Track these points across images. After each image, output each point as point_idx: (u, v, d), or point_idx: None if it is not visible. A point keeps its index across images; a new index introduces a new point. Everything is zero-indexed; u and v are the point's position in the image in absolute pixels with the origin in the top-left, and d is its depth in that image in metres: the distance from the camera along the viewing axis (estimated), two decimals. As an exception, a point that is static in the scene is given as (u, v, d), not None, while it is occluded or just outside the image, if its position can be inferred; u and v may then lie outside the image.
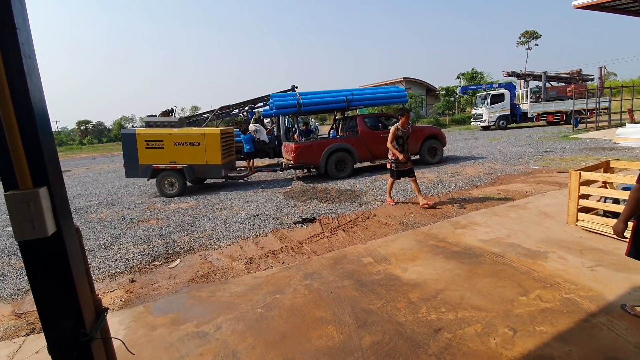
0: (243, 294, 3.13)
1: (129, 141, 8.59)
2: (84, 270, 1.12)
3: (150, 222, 6.21)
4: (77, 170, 18.59)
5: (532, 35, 46.92)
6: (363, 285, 3.08)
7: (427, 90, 37.73)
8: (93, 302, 1.17)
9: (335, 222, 5.17)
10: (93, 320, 1.16)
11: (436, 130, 10.19)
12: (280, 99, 9.39)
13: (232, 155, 9.61)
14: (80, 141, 49.59)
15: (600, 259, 3.24)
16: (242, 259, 4.02)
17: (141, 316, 2.97)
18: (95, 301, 1.19)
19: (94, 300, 1.18)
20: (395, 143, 5.72)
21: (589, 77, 25.21)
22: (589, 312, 2.42)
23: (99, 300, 1.21)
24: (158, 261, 4.32)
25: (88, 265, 1.17)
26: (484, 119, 21.31)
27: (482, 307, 2.59)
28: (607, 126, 17.03)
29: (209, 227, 5.46)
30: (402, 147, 5.75)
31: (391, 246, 3.97)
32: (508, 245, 3.70)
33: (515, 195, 5.76)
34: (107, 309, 1.24)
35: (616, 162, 4.60)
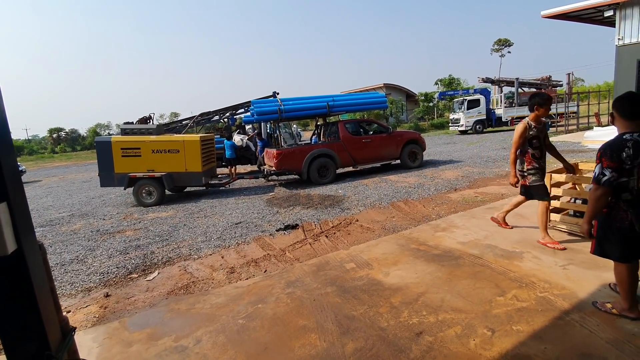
0: (224, 305, 3.06)
1: (104, 149, 8.32)
2: (49, 289, 1.07)
3: (127, 232, 6.01)
4: (49, 180, 17.80)
5: (504, 43, 48.84)
6: (346, 291, 3.08)
7: (407, 96, 38.56)
8: (59, 321, 1.11)
9: (318, 228, 5.16)
10: (59, 340, 1.10)
11: (416, 135, 10.40)
12: (261, 105, 9.36)
13: (212, 163, 9.46)
14: (53, 149, 47.57)
15: (572, 257, 3.37)
16: (223, 269, 3.93)
17: (116, 332, 2.85)
18: (61, 321, 1.13)
19: (60, 319, 1.12)
20: (529, 147, 3.73)
21: (558, 83, 26.46)
22: (562, 310, 2.51)
23: (65, 319, 1.15)
24: (135, 274, 4.17)
25: (53, 284, 1.11)
26: (462, 123, 21.94)
27: (462, 308, 2.64)
28: (576, 129, 17.89)
29: (189, 236, 5.33)
30: (540, 153, 3.76)
31: (373, 251, 3.99)
32: (486, 247, 3.80)
33: (492, 198, 5.93)
34: (74, 328, 1.18)
35: (584, 164, 4.82)
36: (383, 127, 10.37)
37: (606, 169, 2.23)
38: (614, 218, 2.30)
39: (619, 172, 2.20)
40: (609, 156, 2.24)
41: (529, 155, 3.75)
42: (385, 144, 9.73)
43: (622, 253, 2.33)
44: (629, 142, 2.21)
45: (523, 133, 3.71)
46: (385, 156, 9.87)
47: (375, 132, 10.19)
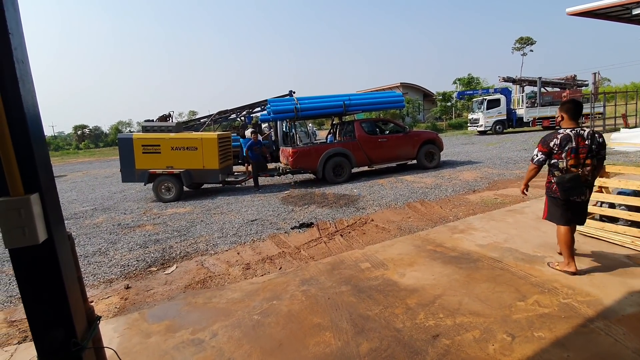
0: (240, 300, 3.10)
1: (125, 146, 8.56)
2: (76, 278, 1.10)
3: (147, 227, 6.17)
4: (73, 175, 18.47)
5: (527, 41, 47.43)
6: (360, 291, 3.06)
7: (424, 96, 37.97)
8: (85, 310, 1.15)
9: (333, 227, 5.15)
10: (85, 329, 1.13)
11: (433, 135, 10.23)
12: (277, 104, 9.42)
13: (229, 160, 9.59)
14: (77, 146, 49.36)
15: (597, 263, 3.24)
16: (239, 265, 3.98)
17: (136, 323, 2.93)
18: (87, 309, 1.16)
19: (86, 308, 1.16)
20: None
21: (584, 82, 25.49)
22: (586, 317, 2.42)
23: (91, 308, 1.19)
24: (154, 267, 4.28)
25: (80, 273, 1.15)
26: (481, 123, 21.44)
27: (480, 312, 2.58)
28: (602, 131, 17.18)
29: (206, 232, 5.43)
30: None
31: (389, 251, 3.95)
32: (505, 250, 3.70)
33: (512, 200, 5.77)
34: (99, 317, 1.22)
35: (611, 166, 4.62)
36: (400, 126, 10.25)
37: (539, 152, 3.08)
38: (551, 190, 3.10)
39: (547, 155, 3.04)
40: (541, 144, 3.07)
41: None
42: (401, 143, 9.62)
43: (560, 217, 3.10)
44: (559, 135, 2.98)
45: None
46: (402, 156, 9.75)
47: (391, 131, 10.09)
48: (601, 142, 2.97)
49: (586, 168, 2.93)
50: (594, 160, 2.95)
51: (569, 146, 2.94)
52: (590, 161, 2.94)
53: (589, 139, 2.94)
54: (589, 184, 3.00)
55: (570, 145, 2.94)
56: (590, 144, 2.93)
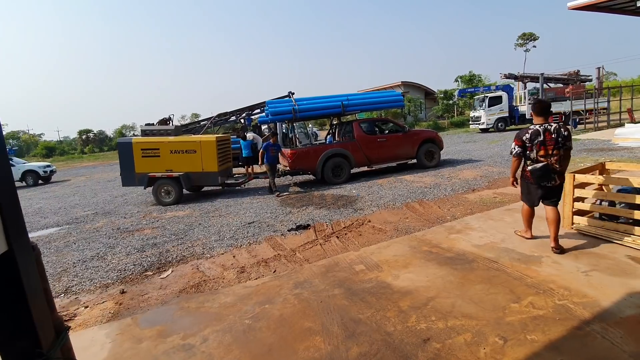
0: (232, 305, 3.08)
1: (125, 150, 8.60)
2: (42, 289, 1.09)
3: (145, 231, 6.18)
4: (77, 179, 18.63)
5: (529, 37, 46.96)
6: (353, 293, 3.03)
7: (426, 94, 37.78)
8: (53, 320, 1.13)
9: (330, 228, 5.12)
10: (52, 339, 1.11)
11: (433, 134, 10.16)
12: (275, 105, 9.41)
13: (229, 163, 9.60)
14: (82, 150, 49.77)
15: (596, 263, 3.18)
16: (234, 268, 3.97)
17: (128, 328, 2.92)
18: (55, 320, 1.15)
19: (53, 319, 1.14)
20: None
21: (587, 77, 25.20)
22: (582, 320, 2.36)
23: (59, 319, 1.17)
24: (150, 271, 4.28)
25: (47, 284, 1.13)
26: (482, 121, 21.27)
27: (473, 315, 2.53)
28: (607, 127, 16.97)
29: (203, 235, 5.42)
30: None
31: (384, 253, 3.91)
32: (502, 250, 3.65)
33: (512, 199, 5.70)
34: (68, 327, 1.21)
35: (612, 163, 4.55)
36: (399, 126, 10.20)
37: (516, 146, 3.58)
38: (525, 177, 3.64)
39: (522, 148, 3.53)
40: (516, 138, 3.59)
41: None
42: (401, 143, 9.56)
43: (527, 199, 3.74)
44: (530, 131, 3.48)
45: None
46: (401, 155, 9.70)
47: (390, 131, 10.03)
48: (566, 135, 3.43)
49: (554, 158, 3.44)
50: (561, 151, 3.43)
51: (538, 140, 3.44)
52: (557, 152, 3.43)
53: (555, 133, 3.41)
54: (558, 171, 3.49)
55: (539, 139, 3.44)
56: (557, 137, 3.40)
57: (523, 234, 3.91)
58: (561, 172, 3.53)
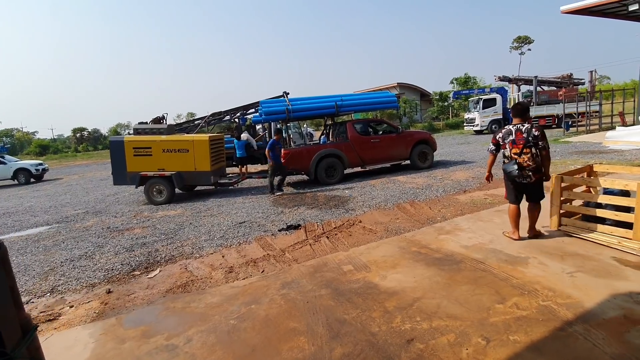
0: (218, 305, 3.06)
1: (117, 149, 8.53)
2: (8, 288, 1.07)
3: (135, 230, 6.13)
4: (69, 177, 18.44)
5: (524, 40, 47.39)
6: (340, 294, 3.02)
7: (421, 95, 37.93)
8: (19, 320, 1.11)
9: (320, 228, 5.11)
10: (18, 339, 1.09)
11: (426, 135, 10.21)
12: (269, 105, 9.39)
13: (222, 162, 9.56)
14: (75, 149, 49.29)
15: (581, 264, 3.20)
16: (223, 268, 3.94)
17: (112, 329, 2.89)
18: (22, 319, 1.13)
19: (20, 317, 1.12)
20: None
21: (580, 80, 25.49)
22: (565, 321, 2.38)
23: (27, 318, 1.15)
24: (137, 271, 4.24)
25: (14, 282, 1.11)
26: (477, 123, 21.42)
27: (458, 315, 2.54)
28: (598, 129, 17.15)
29: (193, 235, 5.39)
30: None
31: (373, 253, 3.91)
32: (490, 251, 3.66)
33: (502, 200, 5.72)
34: (36, 326, 1.18)
35: (599, 165, 4.59)
36: (393, 127, 10.23)
37: (491, 143, 3.96)
38: (506, 172, 3.81)
39: (497, 146, 3.89)
40: (493, 137, 3.94)
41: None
42: (394, 144, 9.59)
43: (509, 196, 3.98)
44: (503, 130, 3.84)
45: None
46: (395, 156, 9.72)
47: (384, 132, 10.06)
48: (537, 134, 3.64)
49: (525, 156, 3.64)
50: (533, 149, 3.65)
51: (510, 138, 3.74)
52: (528, 150, 3.64)
53: (526, 133, 3.66)
54: (532, 168, 3.66)
55: (510, 138, 3.74)
56: (527, 136, 3.64)
57: (510, 234, 3.98)
58: (535, 170, 3.68)
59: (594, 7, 12.11)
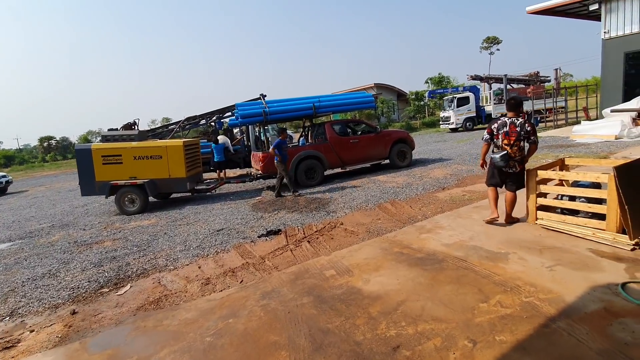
0: (193, 321, 2.88)
1: (83, 157, 8.09)
2: None
3: (105, 243, 5.79)
4: (35, 189, 17.41)
5: (493, 40, 49.17)
6: (323, 301, 2.91)
7: (398, 95, 38.52)
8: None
9: (301, 233, 4.98)
10: None
11: (404, 135, 10.28)
12: (245, 108, 9.18)
13: (198, 168, 9.25)
14: (43, 158, 46.81)
15: (559, 257, 3.24)
16: (199, 280, 3.74)
17: (75, 354, 2.65)
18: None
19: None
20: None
21: (546, 78, 26.59)
22: (548, 317, 2.36)
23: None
24: (106, 288, 3.96)
25: None
26: (452, 121, 21.90)
27: (443, 317, 2.48)
28: (565, 124, 17.91)
29: (168, 245, 5.13)
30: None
31: (355, 256, 3.83)
32: (470, 248, 3.66)
33: (480, 196, 5.80)
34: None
35: (571, 159, 4.72)
36: (371, 127, 10.24)
37: (486, 132, 4.21)
38: (491, 161, 4.17)
39: (491, 135, 4.15)
40: (488, 127, 4.21)
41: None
42: (373, 144, 9.60)
43: (489, 181, 4.31)
44: (498, 121, 4.13)
45: None
46: (374, 156, 9.73)
47: (363, 132, 10.05)
48: (529, 129, 3.97)
49: (515, 147, 3.97)
50: (523, 143, 3.98)
51: (503, 130, 4.04)
52: (518, 143, 3.96)
53: (519, 127, 3.97)
54: (518, 159, 4.04)
55: (504, 129, 4.03)
56: (520, 130, 3.95)
57: (490, 216, 4.24)
58: (520, 161, 4.07)
59: (558, 7, 12.68)
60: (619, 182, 3.24)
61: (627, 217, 3.23)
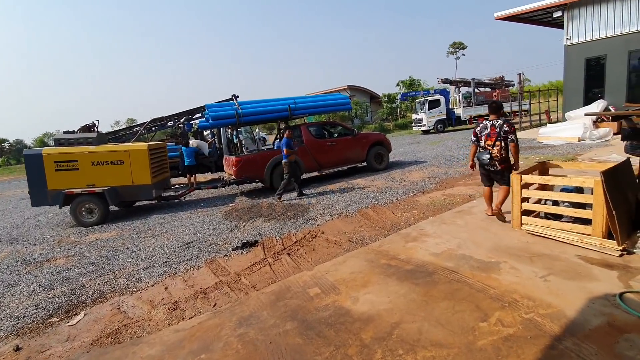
0: (157, 359, 2.47)
1: (33, 163, 7.29)
2: None
3: (58, 261, 5.15)
4: (-21, 198, 15.73)
5: (459, 46, 50.96)
6: (309, 327, 2.61)
7: (371, 98, 38.91)
8: None
9: (280, 244, 4.65)
10: None
11: (381, 137, 10.19)
12: (216, 109, 8.68)
13: (165, 173, 8.63)
14: (-7, 163, 42.90)
15: (550, 266, 3.14)
16: (165, 305, 3.31)
17: (10, 410, 2.17)
18: None
19: None
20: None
21: (510, 82, 27.81)
22: (553, 336, 2.20)
23: None
24: (56, 316, 3.43)
25: None
26: (424, 123, 22.31)
27: (443, 342, 2.26)
28: (529, 126, 18.74)
29: (130, 263, 4.61)
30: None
31: (340, 270, 3.55)
32: (460, 258, 3.50)
33: (460, 200, 5.74)
34: None
35: (551, 162, 4.73)
36: (348, 129, 10.07)
37: (472, 135, 4.58)
38: (479, 159, 4.45)
39: (477, 137, 4.50)
40: (474, 130, 4.56)
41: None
42: (350, 146, 9.42)
43: (482, 180, 4.65)
44: (481, 124, 4.49)
45: None
46: (351, 159, 9.56)
47: (340, 134, 9.85)
48: (506, 129, 4.24)
49: (496, 148, 4.28)
50: (502, 142, 4.25)
51: (485, 132, 4.39)
52: (499, 143, 4.26)
53: (498, 128, 4.27)
54: (500, 159, 4.30)
55: (485, 131, 4.39)
56: (499, 131, 4.25)
57: (487, 212, 4.63)
58: (502, 161, 4.31)
59: (523, 14, 13.18)
60: (607, 187, 3.20)
61: (615, 222, 3.19)
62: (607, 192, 3.19)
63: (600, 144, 10.10)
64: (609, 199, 3.18)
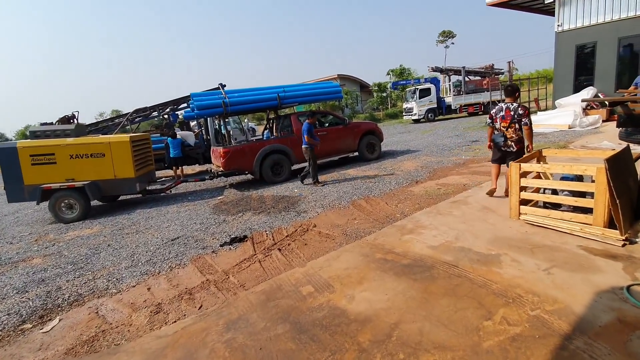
0: (138, 368, 2.27)
1: (8, 158, 6.88)
2: None
3: (34, 260, 4.85)
4: (-46, 194, 15.04)
5: (448, 34, 50.68)
6: (302, 330, 2.43)
7: (361, 87, 38.53)
8: None
9: (270, 238, 4.45)
10: None
11: (373, 126, 9.99)
12: (202, 98, 8.32)
13: (150, 166, 8.29)
14: (-32, 157, 41.31)
15: (552, 258, 3.02)
16: (147, 307, 3.09)
17: None
18: None
19: None
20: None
21: (500, 70, 27.79)
22: (562, 334, 2.07)
23: None
24: (29, 323, 3.18)
25: None
26: (415, 112, 22.17)
27: (446, 343, 2.11)
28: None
29: (111, 261, 4.35)
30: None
31: (334, 266, 3.38)
32: (459, 251, 3.35)
33: (455, 189, 5.61)
34: None
35: (548, 150, 4.61)
36: (339, 118, 9.83)
37: (488, 117, 4.77)
38: (494, 141, 4.69)
39: (492, 119, 4.70)
40: (490, 113, 4.75)
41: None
42: (342, 136, 9.19)
43: (493, 158, 4.83)
44: (496, 106, 4.69)
45: None
46: (343, 149, 9.35)
47: (331, 124, 9.61)
48: (521, 112, 4.42)
49: (510, 129, 4.51)
50: (516, 125, 4.47)
51: (500, 114, 4.58)
52: (513, 125, 4.48)
53: (513, 111, 4.46)
54: (514, 140, 4.53)
55: (500, 114, 4.58)
56: (514, 114, 4.45)
57: (490, 188, 4.83)
58: (517, 142, 4.53)
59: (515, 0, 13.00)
60: (610, 175, 3.07)
61: (618, 211, 3.08)
62: (610, 180, 3.06)
63: (591, 131, 10.10)
64: (612, 187, 3.06)
